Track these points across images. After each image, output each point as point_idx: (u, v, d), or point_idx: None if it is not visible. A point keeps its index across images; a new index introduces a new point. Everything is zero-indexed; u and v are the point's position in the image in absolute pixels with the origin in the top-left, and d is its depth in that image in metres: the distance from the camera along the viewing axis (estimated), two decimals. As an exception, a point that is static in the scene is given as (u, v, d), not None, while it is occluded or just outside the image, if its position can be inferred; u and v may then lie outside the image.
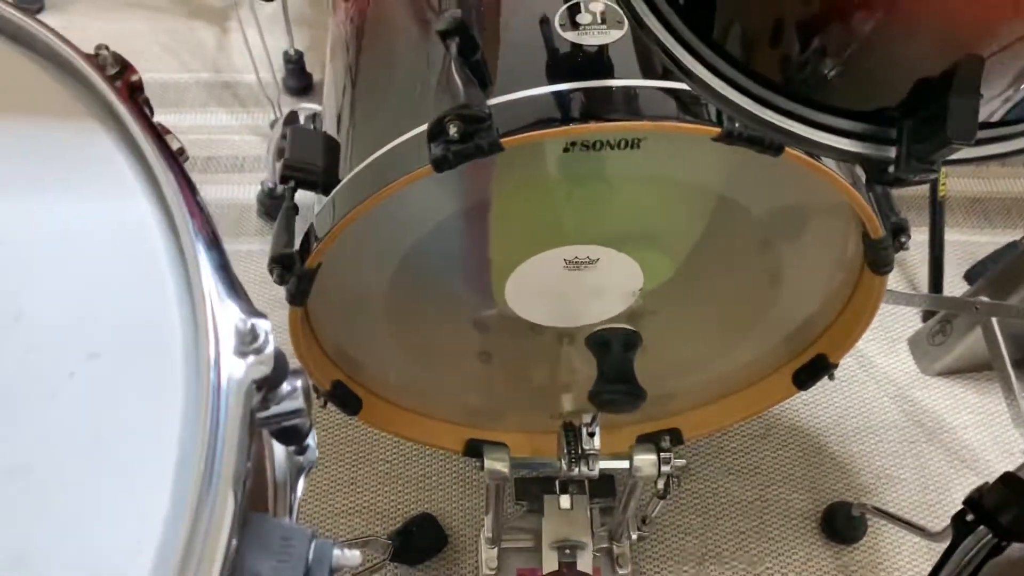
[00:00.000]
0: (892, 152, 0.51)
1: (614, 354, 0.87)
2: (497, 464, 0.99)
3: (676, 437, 1.12)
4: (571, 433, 0.97)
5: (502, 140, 0.68)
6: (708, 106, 0.71)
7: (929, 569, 0.86)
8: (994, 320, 1.16)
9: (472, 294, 0.92)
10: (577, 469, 0.98)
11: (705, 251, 0.87)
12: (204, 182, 1.53)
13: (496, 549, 1.15)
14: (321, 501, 1.23)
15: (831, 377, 1.01)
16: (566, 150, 0.73)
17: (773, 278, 0.92)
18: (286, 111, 1.36)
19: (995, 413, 1.31)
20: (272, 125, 1.51)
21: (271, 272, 0.81)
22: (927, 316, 1.40)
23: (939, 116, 0.46)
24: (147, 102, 0.49)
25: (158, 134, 0.43)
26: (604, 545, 1.16)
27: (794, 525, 1.22)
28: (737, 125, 0.68)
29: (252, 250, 1.45)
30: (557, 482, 1.09)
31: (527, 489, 1.17)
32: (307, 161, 0.85)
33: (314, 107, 1.24)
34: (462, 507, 1.24)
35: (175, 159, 0.42)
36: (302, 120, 1.29)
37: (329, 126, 0.94)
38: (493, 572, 1.14)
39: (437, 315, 0.95)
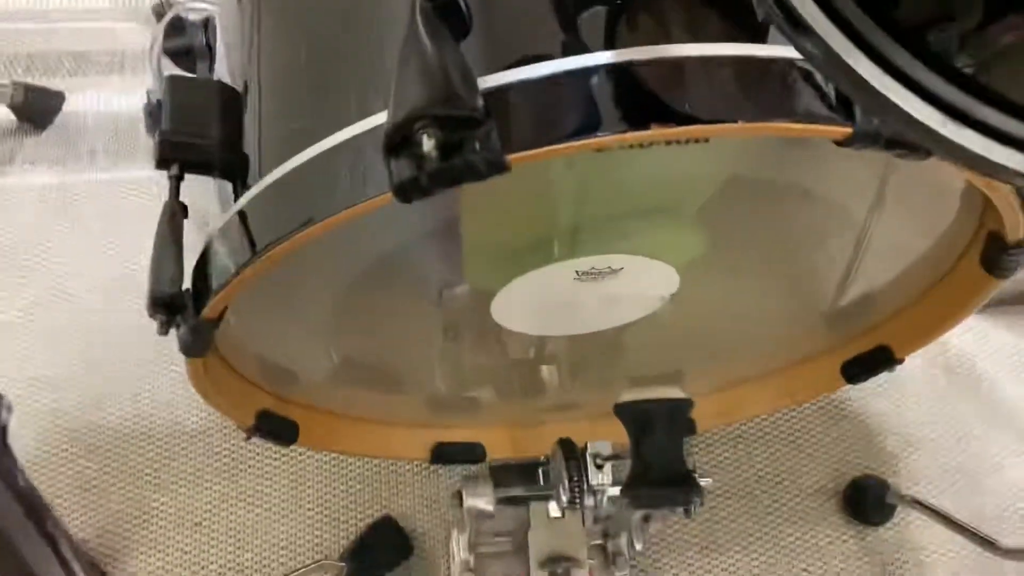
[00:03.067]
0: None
1: (658, 436, 0.64)
2: (480, 502, 0.78)
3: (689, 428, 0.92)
4: (572, 461, 0.75)
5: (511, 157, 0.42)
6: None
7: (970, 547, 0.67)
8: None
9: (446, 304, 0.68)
10: (580, 503, 0.77)
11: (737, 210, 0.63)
12: (74, 88, 1.21)
13: (472, 556, 0.96)
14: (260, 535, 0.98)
15: (890, 371, 0.81)
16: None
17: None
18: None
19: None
20: (153, 9, 1.18)
21: (151, 316, 0.56)
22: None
23: None
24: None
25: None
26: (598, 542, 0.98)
27: (811, 498, 1.06)
28: (875, 123, 0.44)
29: (141, 177, 1.16)
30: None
31: (506, 478, 0.97)
32: (195, 132, 0.58)
33: (207, 6, 0.92)
34: (424, 499, 1.02)
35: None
36: (190, 19, 0.97)
37: (230, 68, 0.66)
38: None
39: (397, 315, 0.72)
